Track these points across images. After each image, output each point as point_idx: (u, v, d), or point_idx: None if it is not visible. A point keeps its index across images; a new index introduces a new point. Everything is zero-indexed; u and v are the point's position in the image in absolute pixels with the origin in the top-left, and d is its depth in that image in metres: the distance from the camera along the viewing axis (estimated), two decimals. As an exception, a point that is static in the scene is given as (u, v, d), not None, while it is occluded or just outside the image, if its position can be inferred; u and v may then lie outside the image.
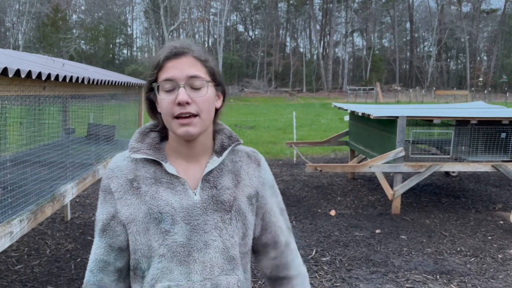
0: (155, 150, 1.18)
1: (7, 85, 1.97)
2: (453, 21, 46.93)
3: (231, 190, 1.19)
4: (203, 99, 1.13)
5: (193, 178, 1.18)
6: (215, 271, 1.15)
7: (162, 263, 1.13)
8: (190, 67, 1.12)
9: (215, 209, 1.16)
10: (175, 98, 1.10)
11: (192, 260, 1.14)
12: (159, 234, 1.13)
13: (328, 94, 41.08)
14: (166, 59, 1.12)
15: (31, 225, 2.24)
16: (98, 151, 3.79)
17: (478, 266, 4.20)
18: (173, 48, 1.13)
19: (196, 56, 1.14)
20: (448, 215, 5.75)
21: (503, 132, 5.72)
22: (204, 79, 1.14)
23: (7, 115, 2.27)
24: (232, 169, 1.23)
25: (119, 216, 1.17)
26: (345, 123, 14.30)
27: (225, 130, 1.28)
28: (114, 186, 1.18)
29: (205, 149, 1.22)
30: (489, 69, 47.27)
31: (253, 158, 1.29)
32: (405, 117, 5.46)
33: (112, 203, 1.18)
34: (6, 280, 3.72)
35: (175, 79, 1.11)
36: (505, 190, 7.12)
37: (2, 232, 1.94)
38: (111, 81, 3.33)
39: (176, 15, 44.46)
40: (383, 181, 5.96)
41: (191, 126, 1.12)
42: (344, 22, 50.09)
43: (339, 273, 4.02)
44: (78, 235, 4.82)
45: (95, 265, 1.22)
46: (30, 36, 42.78)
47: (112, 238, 1.19)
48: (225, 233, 1.17)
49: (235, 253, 1.19)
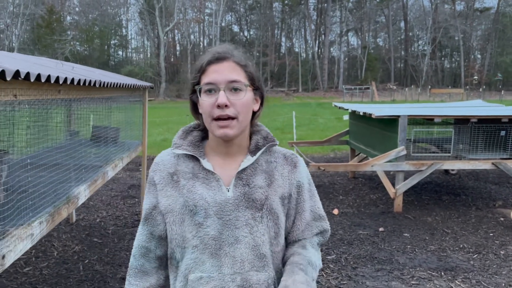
0: (194, 147, 1.27)
1: (27, 89, 2.00)
2: (447, 19, 47.21)
3: (263, 189, 1.24)
4: (241, 102, 1.19)
5: (227, 175, 1.24)
6: (245, 266, 1.20)
7: (195, 254, 1.20)
8: (231, 71, 1.19)
9: (246, 206, 1.21)
10: (215, 100, 1.17)
11: (223, 254, 1.19)
12: (192, 226, 1.20)
13: (324, 94, 41.20)
14: (209, 63, 1.20)
15: (49, 226, 2.27)
16: (106, 153, 3.82)
17: (481, 262, 4.27)
18: (215, 53, 1.20)
19: (236, 61, 1.21)
20: (450, 213, 5.82)
21: (503, 130, 5.80)
22: (243, 83, 1.20)
23: (14, 119, 2.30)
24: (266, 169, 1.28)
25: (160, 206, 1.25)
26: (343, 122, 14.38)
27: (262, 131, 1.33)
28: (157, 178, 1.28)
29: (241, 149, 1.27)
30: (483, 67, 47.58)
31: (289, 160, 1.33)
32: (407, 116, 5.53)
33: (155, 194, 1.28)
34: (16, 282, 3.74)
35: (216, 82, 1.18)
36: (505, 187, 7.21)
37: (24, 234, 1.97)
38: (121, 83, 3.36)
39: (171, 16, 44.43)
40: (384, 180, 6.02)
41: (229, 128, 1.18)
42: (339, 21, 50.22)
43: (345, 271, 4.07)
44: (84, 237, 4.84)
45: (137, 251, 1.31)
46: (24, 38, 42.57)
47: (153, 227, 1.28)
48: (255, 231, 1.21)
49: (265, 251, 1.23)
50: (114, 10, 52.53)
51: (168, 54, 48.24)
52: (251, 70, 1.24)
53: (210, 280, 1.18)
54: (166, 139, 12.67)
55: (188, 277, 1.21)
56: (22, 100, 1.95)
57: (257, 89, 1.26)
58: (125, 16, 53.97)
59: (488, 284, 3.77)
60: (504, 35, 46.04)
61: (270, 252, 1.25)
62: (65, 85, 2.43)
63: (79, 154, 3.10)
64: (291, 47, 52.98)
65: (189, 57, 45.68)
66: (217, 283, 1.18)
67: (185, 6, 46.11)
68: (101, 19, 48.30)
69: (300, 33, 54.21)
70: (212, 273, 1.19)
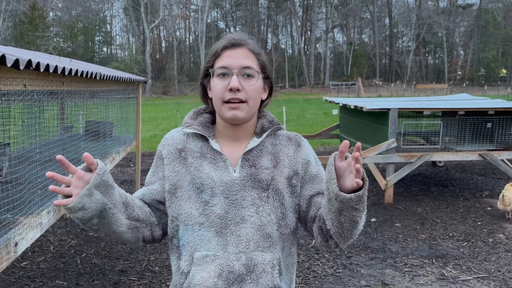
0: (204, 128, 1.30)
1: (35, 79, 2.02)
2: (431, 16, 47.80)
3: (269, 170, 1.27)
4: (252, 88, 1.24)
5: (234, 157, 1.28)
6: (250, 246, 1.22)
7: (201, 231, 1.22)
8: (245, 58, 1.24)
9: (252, 186, 1.24)
10: (228, 84, 1.21)
11: (228, 233, 1.21)
12: (199, 203, 1.23)
13: (311, 90, 41.40)
14: (224, 48, 1.24)
15: (56, 216, 2.29)
16: (102, 147, 3.83)
17: (471, 249, 4.40)
18: (231, 39, 1.25)
19: (251, 49, 1.26)
20: (438, 203, 5.96)
21: (489, 122, 5.96)
22: (255, 70, 1.24)
23: (11, 111, 2.31)
24: (271, 151, 1.31)
25: (167, 180, 1.29)
26: (331, 117, 14.52)
27: (268, 116, 1.36)
28: (165, 152, 1.31)
29: (248, 133, 1.31)
30: (466, 63, 48.36)
31: (293, 140, 1.36)
32: (397, 109, 5.64)
33: (161, 167, 1.31)
34: (14, 276, 3.74)
35: (229, 67, 1.22)
36: (490, 178, 7.40)
37: (34, 222, 2.00)
38: (119, 77, 3.38)
39: (157, 12, 44.07)
40: (375, 172, 6.14)
41: (239, 110, 1.22)
42: (324, 18, 50.46)
43: (340, 260, 4.16)
44: (79, 232, 4.84)
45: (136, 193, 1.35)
46: (6, 35, 41.77)
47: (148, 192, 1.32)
48: (261, 210, 1.23)
49: (271, 231, 1.24)
50: (98, 6, 51.87)
51: (154, 51, 47.88)
52: (263, 59, 1.28)
53: (215, 258, 1.20)
54: (156, 135, 12.64)
55: (194, 255, 1.22)
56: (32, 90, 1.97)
57: (267, 78, 1.31)
58: (109, 12, 53.38)
59: (478, 270, 3.90)
60: (486, 31, 46.81)
61: (278, 233, 1.26)
62: (69, 77, 2.45)
63: (76, 148, 3.11)
64: (277, 44, 53.08)
65: (175, 54, 45.40)
66: (222, 262, 1.20)
67: (171, 2, 45.76)
68: (84, 15, 47.67)
69: (286, 29, 54.37)
70: (217, 252, 1.20)
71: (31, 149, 2.47)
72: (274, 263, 1.24)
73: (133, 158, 8.90)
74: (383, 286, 3.62)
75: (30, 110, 2.66)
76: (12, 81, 1.77)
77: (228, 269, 1.20)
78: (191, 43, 51.43)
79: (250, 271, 1.20)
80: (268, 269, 1.22)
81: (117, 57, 49.70)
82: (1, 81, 1.65)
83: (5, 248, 1.69)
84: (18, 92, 1.90)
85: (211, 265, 1.20)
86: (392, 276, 3.79)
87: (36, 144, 2.78)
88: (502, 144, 6.15)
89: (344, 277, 3.78)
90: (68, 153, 3.06)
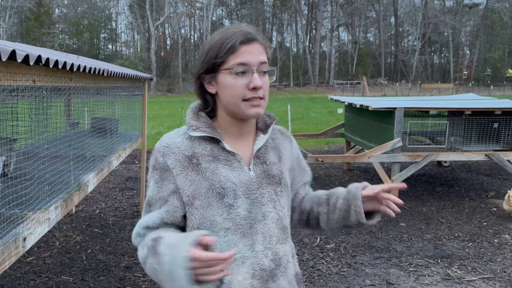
0: (211, 129, 1.23)
1: (44, 75, 2.03)
2: (437, 15, 47.59)
3: (277, 165, 1.30)
4: (267, 84, 1.24)
5: (244, 155, 1.26)
6: (273, 241, 1.24)
7: (228, 236, 1.19)
8: (262, 53, 1.21)
9: (268, 183, 1.26)
10: (248, 82, 1.18)
11: (254, 232, 1.21)
12: (223, 208, 1.19)
13: (315, 89, 41.36)
14: (241, 43, 1.17)
15: (63, 212, 2.30)
16: (109, 144, 3.84)
17: (476, 250, 4.38)
18: (246, 33, 1.18)
19: (263, 43, 1.23)
20: (444, 203, 5.94)
21: (496, 122, 5.93)
22: (268, 65, 1.23)
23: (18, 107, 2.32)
24: (273, 146, 1.34)
25: (181, 192, 1.19)
26: (336, 116, 14.48)
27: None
28: (172, 162, 1.19)
29: (252, 128, 1.31)
30: (472, 62, 48.12)
31: (285, 134, 1.42)
32: (403, 109, 5.62)
33: (171, 179, 1.19)
34: (20, 271, 3.76)
35: (249, 64, 1.17)
36: (496, 178, 7.36)
37: (42, 217, 2.01)
38: (126, 73, 3.38)
39: (162, 10, 44.10)
40: (381, 171, 6.12)
41: (260, 107, 1.21)
42: (330, 16, 50.33)
43: (344, 259, 4.15)
44: (85, 228, 4.86)
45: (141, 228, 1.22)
46: (12, 32, 41.95)
47: (168, 214, 1.20)
48: (278, 205, 1.26)
49: (286, 223, 1.30)
50: (104, 3, 51.97)
51: (159, 48, 47.93)
52: (269, 53, 1.26)
53: (245, 259, 1.19)
54: (161, 132, 12.66)
55: None
56: (41, 86, 1.97)
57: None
58: (114, 9, 53.47)
59: (484, 271, 3.89)
60: (493, 31, 46.57)
61: (289, 224, 1.33)
62: (77, 73, 2.46)
63: (82, 144, 3.12)
64: (282, 42, 52.99)
65: (179, 51, 45.44)
66: (252, 261, 1.19)
67: (176, 0, 45.80)
68: (90, 12, 47.77)
69: (291, 27, 54.24)
70: (245, 253, 1.19)
71: (39, 145, 2.48)
72: (293, 252, 1.31)
73: (138, 155, 8.92)
74: (388, 285, 3.61)
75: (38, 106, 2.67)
76: (22, 76, 1.78)
77: (259, 267, 1.20)
78: (196, 41, 51.44)
79: (278, 264, 1.24)
80: (290, 259, 1.29)
81: (122, 54, 49.78)
82: (11, 77, 1.66)
83: (14, 243, 1.70)
84: (28, 88, 1.91)
85: (242, 268, 1.18)
86: (397, 276, 3.78)
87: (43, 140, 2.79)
88: (509, 144, 6.11)
89: (349, 276, 3.77)
90: (74, 149, 3.07)
